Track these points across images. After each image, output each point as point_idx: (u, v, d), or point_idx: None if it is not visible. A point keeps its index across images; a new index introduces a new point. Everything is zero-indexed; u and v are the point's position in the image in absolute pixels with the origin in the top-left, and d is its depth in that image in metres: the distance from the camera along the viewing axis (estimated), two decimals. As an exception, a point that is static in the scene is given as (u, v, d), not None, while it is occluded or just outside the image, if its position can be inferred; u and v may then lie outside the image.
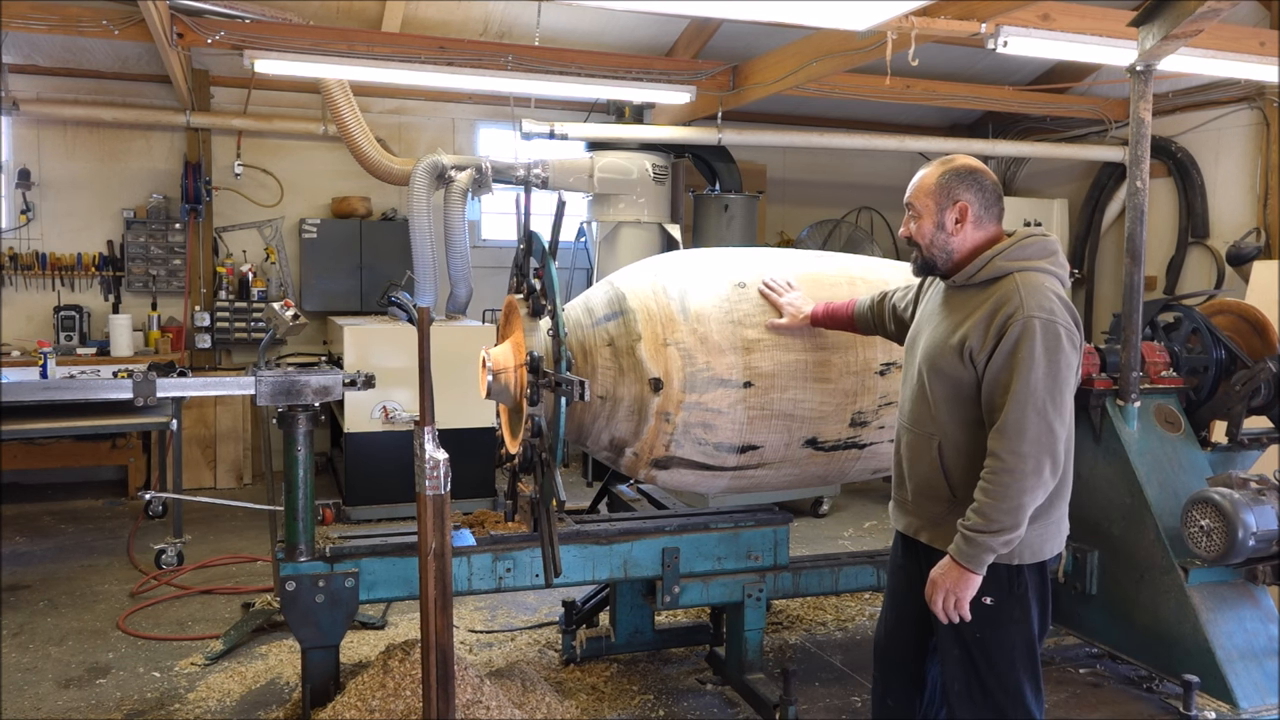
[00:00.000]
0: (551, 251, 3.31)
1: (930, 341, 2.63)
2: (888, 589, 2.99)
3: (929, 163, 2.70)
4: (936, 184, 2.63)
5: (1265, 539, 3.65)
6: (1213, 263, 7.93)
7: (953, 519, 2.55)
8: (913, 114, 9.35)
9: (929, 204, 2.63)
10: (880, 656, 2.95)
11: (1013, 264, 2.53)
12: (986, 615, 2.54)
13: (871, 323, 3.20)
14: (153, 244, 7.56)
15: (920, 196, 2.65)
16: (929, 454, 2.62)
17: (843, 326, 3.34)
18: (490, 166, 6.81)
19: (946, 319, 2.62)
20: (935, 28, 5.01)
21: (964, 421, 2.55)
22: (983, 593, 2.52)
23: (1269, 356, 4.26)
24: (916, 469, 2.67)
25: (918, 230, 2.66)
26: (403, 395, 6.29)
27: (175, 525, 5.48)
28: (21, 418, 5.05)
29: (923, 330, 2.72)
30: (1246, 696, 3.67)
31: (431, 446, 2.57)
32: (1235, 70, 5.83)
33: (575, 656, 4.17)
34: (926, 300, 2.83)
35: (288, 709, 3.64)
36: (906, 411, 2.72)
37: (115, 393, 3.26)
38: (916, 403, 2.66)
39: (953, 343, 2.54)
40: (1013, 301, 2.46)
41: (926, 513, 2.67)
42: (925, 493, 2.66)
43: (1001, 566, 2.53)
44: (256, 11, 6.28)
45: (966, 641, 2.59)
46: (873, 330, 3.23)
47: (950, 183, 2.61)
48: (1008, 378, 2.42)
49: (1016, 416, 2.39)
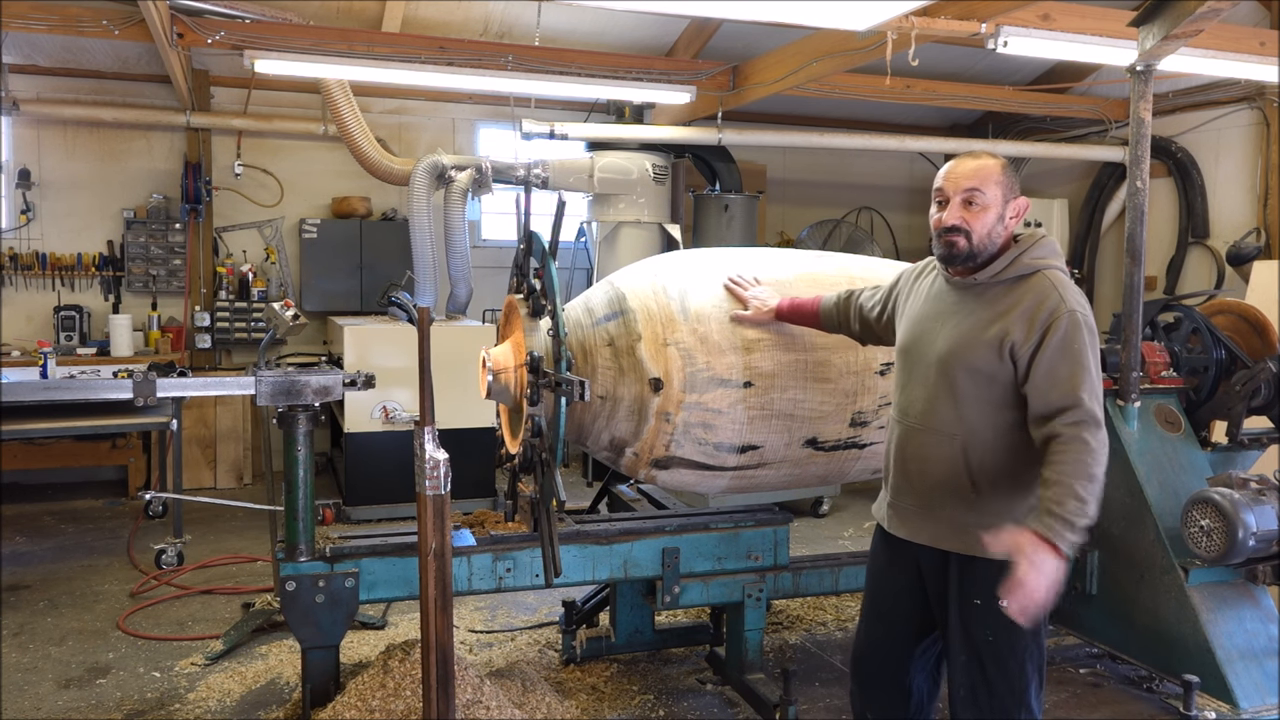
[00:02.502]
0: (551, 251, 3.31)
1: (955, 338, 2.56)
2: (871, 598, 2.88)
3: (972, 152, 2.61)
4: (1004, 175, 2.56)
5: (1265, 539, 3.65)
6: (1213, 263, 7.93)
7: (980, 522, 2.49)
8: (913, 114, 9.34)
9: (998, 194, 2.54)
10: (860, 668, 2.86)
11: (1039, 262, 2.55)
12: (1001, 618, 2.45)
13: (836, 320, 3.19)
14: (153, 244, 7.56)
15: (989, 185, 2.52)
16: (949, 454, 2.55)
17: (807, 323, 3.32)
18: (490, 166, 6.80)
19: (970, 315, 2.56)
20: (935, 28, 5.01)
21: (992, 419, 2.52)
22: (999, 596, 2.44)
23: (1269, 356, 4.26)
24: (931, 471, 2.59)
25: (977, 219, 2.53)
26: (403, 395, 6.29)
27: (175, 525, 5.48)
28: (21, 418, 5.05)
29: (929, 328, 2.65)
30: (1246, 696, 3.67)
31: (431, 446, 2.57)
32: (1235, 70, 5.83)
33: (575, 656, 4.17)
34: (918, 298, 2.76)
35: (288, 709, 3.64)
36: (918, 411, 2.62)
37: (115, 393, 3.26)
38: (933, 401, 2.58)
39: (987, 338, 2.50)
40: (1052, 297, 2.47)
41: (946, 519, 2.58)
42: (943, 497, 2.58)
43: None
44: (256, 11, 6.28)
45: (977, 645, 2.56)
46: (836, 328, 3.21)
47: (1012, 178, 2.58)
48: (1067, 369, 2.42)
49: (1091, 401, 2.41)
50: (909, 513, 2.68)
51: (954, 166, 2.60)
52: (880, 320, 3.01)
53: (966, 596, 2.57)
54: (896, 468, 2.71)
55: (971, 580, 2.56)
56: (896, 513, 2.72)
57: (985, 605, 2.50)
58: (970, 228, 2.53)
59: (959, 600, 2.59)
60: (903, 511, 2.70)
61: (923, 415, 2.61)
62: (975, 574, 2.55)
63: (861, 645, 2.88)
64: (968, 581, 2.57)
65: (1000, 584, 2.34)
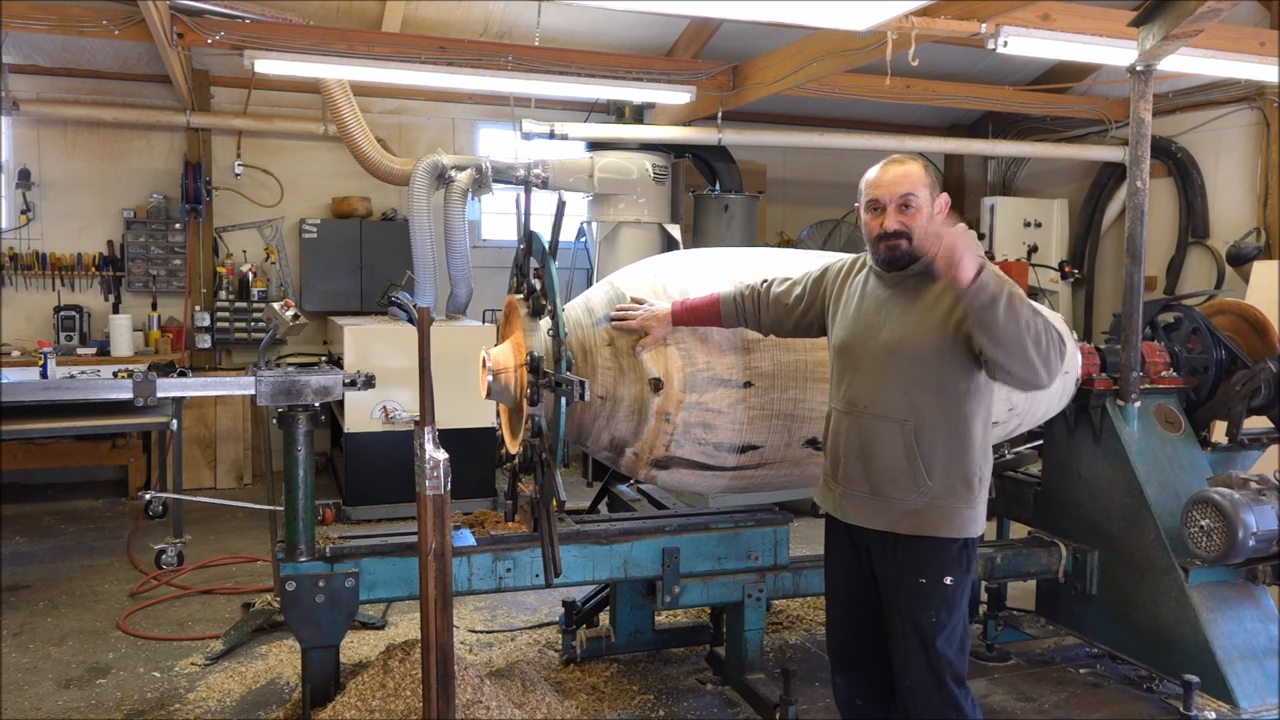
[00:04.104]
0: (551, 251, 3.31)
1: (900, 329, 2.68)
2: (838, 590, 2.96)
3: (893, 157, 2.75)
4: (929, 177, 2.72)
5: (1265, 539, 3.65)
6: (1213, 263, 7.93)
7: (929, 503, 2.64)
8: (913, 114, 9.34)
9: (927, 196, 2.70)
10: (841, 660, 2.95)
11: None
12: (945, 597, 2.64)
13: (739, 315, 3.19)
14: (153, 244, 7.56)
15: (920, 188, 2.68)
16: (899, 439, 2.66)
17: (708, 322, 3.28)
18: (490, 166, 6.81)
19: (910, 306, 2.69)
20: (935, 28, 5.01)
21: (941, 402, 2.65)
22: (943, 574, 2.64)
23: (1269, 356, 4.26)
24: (884, 456, 2.69)
25: (914, 221, 2.67)
26: (403, 395, 6.29)
27: (175, 525, 5.48)
28: (21, 418, 5.05)
29: (871, 321, 2.75)
30: (1246, 696, 3.67)
31: (431, 446, 2.57)
32: (1235, 70, 5.83)
33: (575, 656, 4.17)
34: (853, 295, 2.84)
35: (288, 709, 3.64)
36: (868, 400, 2.71)
37: (115, 393, 3.26)
38: (883, 390, 2.68)
39: (932, 320, 2.63)
40: None
41: (899, 503, 2.68)
42: (895, 481, 2.68)
43: (956, 542, 2.65)
44: (256, 11, 6.28)
45: (923, 628, 2.66)
46: (740, 323, 3.21)
47: (933, 179, 2.75)
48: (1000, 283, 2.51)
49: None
50: (862, 500, 2.77)
51: (883, 174, 2.73)
52: (805, 313, 3.06)
53: (912, 576, 2.68)
54: (847, 457, 2.79)
55: (917, 559, 2.68)
56: (850, 501, 2.80)
57: (930, 585, 2.65)
58: (910, 230, 2.67)
59: (905, 580, 2.69)
60: (855, 499, 2.79)
61: (872, 404, 2.72)
62: (922, 554, 2.67)
63: (835, 635, 2.98)
64: (913, 560, 2.68)
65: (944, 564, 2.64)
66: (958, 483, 2.67)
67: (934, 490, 2.65)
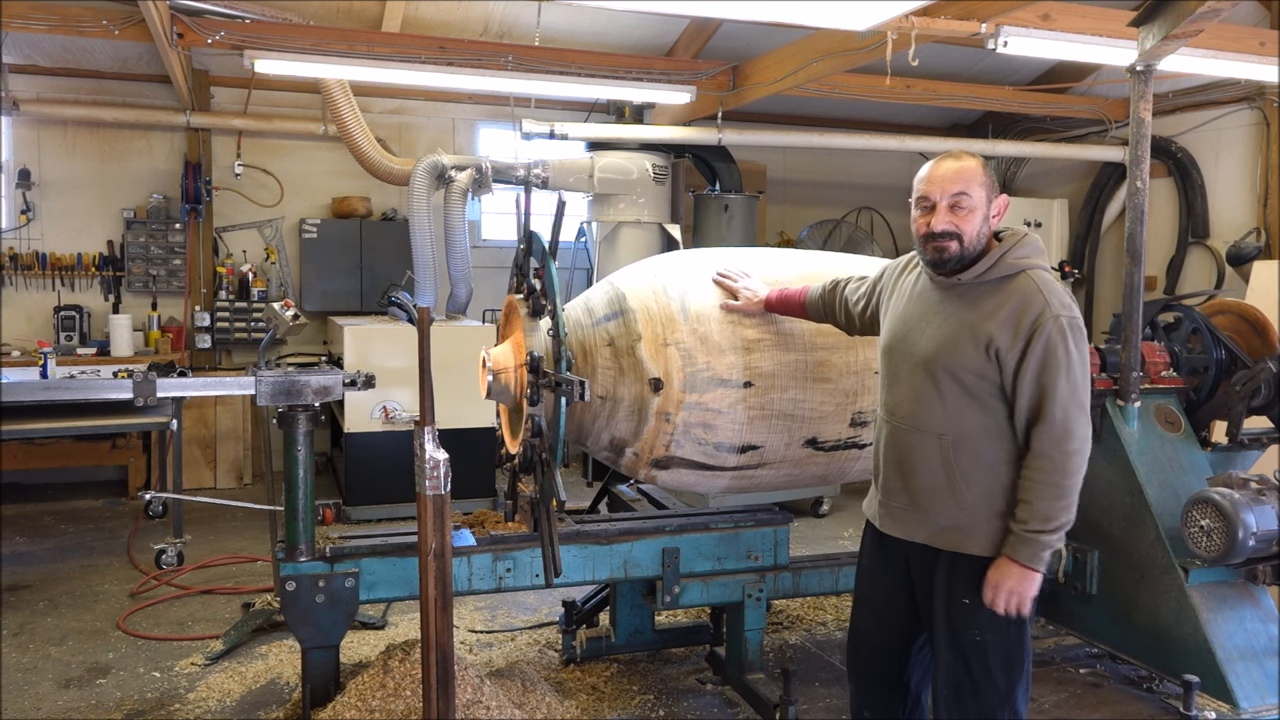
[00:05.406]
0: (551, 251, 3.31)
1: (940, 339, 2.56)
2: (861, 597, 2.88)
3: (949, 154, 2.59)
4: (986, 175, 2.55)
5: (1265, 539, 3.65)
6: (1213, 263, 7.93)
7: (969, 520, 2.54)
8: (913, 114, 9.34)
9: (982, 195, 2.52)
10: (856, 668, 2.88)
11: (1023, 262, 2.54)
12: (990, 619, 2.52)
13: (822, 311, 3.21)
14: (153, 244, 7.56)
15: (974, 186, 2.51)
16: (937, 454, 2.56)
17: (794, 313, 3.34)
18: (490, 166, 6.80)
19: (954, 316, 2.56)
20: (935, 28, 5.01)
21: (979, 418, 2.53)
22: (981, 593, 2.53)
23: (1269, 356, 4.25)
24: (922, 470, 2.59)
25: (966, 222, 2.51)
26: (403, 395, 6.29)
27: (175, 525, 5.48)
28: (21, 418, 5.05)
29: (914, 327, 2.64)
30: (1246, 696, 3.67)
31: (431, 446, 2.57)
32: (1235, 70, 5.83)
33: (575, 656, 4.17)
34: (902, 295, 2.75)
35: (288, 709, 3.64)
36: (905, 411, 2.63)
37: (115, 393, 3.26)
38: (920, 401, 2.58)
39: (972, 340, 2.50)
40: (1037, 300, 2.47)
41: (937, 518, 2.58)
42: (933, 496, 2.58)
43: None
44: (256, 11, 6.28)
45: (964, 645, 2.57)
46: (822, 318, 3.24)
47: (992, 176, 2.58)
48: (1049, 378, 2.44)
49: (1064, 415, 2.44)
50: (901, 511, 2.67)
51: (936, 169, 2.58)
52: (864, 314, 3.03)
53: (955, 595, 2.58)
54: (887, 467, 2.71)
55: (960, 579, 2.57)
56: (888, 511, 2.71)
57: (974, 604, 2.54)
58: (961, 231, 2.52)
59: (947, 599, 2.60)
60: (894, 510, 2.69)
61: (909, 416, 2.62)
62: (963, 572, 2.57)
63: (857, 645, 2.88)
64: (956, 580, 2.58)
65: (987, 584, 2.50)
66: (999, 499, 2.53)
67: (973, 506, 2.53)
